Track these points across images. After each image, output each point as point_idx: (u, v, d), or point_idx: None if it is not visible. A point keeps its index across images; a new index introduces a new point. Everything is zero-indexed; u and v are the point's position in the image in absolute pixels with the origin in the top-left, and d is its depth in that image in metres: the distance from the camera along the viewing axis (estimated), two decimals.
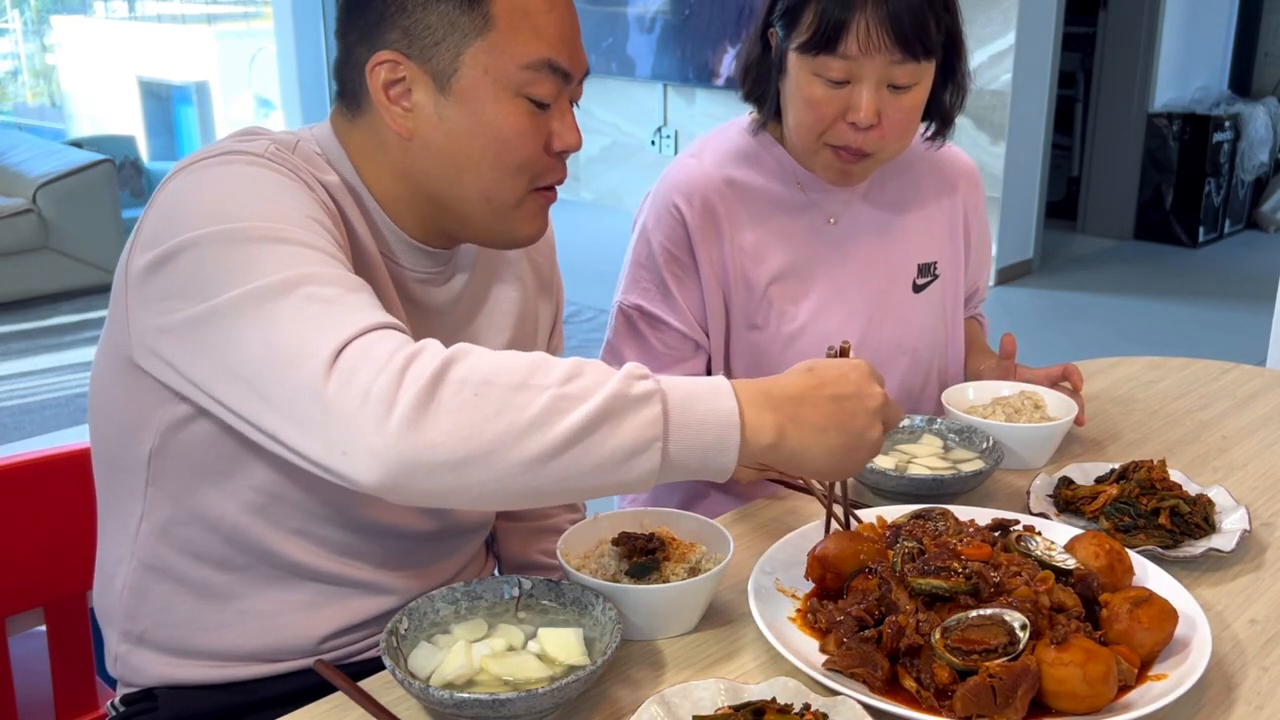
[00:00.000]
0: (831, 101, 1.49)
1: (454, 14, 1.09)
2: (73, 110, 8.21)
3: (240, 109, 8.36)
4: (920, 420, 1.57)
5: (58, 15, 8.17)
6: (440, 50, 1.10)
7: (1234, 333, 5.05)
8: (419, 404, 0.87)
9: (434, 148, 1.13)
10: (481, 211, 1.16)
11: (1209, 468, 1.55)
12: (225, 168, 1.05)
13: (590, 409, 0.89)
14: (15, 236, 5.62)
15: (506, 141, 1.12)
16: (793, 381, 1.01)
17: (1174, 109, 6.72)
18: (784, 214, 1.65)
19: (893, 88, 1.48)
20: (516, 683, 0.99)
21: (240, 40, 8.54)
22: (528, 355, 0.93)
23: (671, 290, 1.63)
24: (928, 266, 1.72)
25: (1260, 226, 7.17)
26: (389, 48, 1.10)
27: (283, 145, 1.12)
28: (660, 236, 1.62)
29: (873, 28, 1.43)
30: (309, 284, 0.95)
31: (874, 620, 1.06)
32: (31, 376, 4.82)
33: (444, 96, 1.11)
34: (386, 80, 1.11)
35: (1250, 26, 7.22)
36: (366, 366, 0.89)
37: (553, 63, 1.12)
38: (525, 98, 1.12)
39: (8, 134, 6.64)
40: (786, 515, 1.40)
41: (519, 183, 1.15)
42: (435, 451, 0.87)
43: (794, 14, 1.50)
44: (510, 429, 0.88)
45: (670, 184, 1.64)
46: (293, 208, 1.03)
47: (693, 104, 6.67)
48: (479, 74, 1.10)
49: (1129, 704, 0.99)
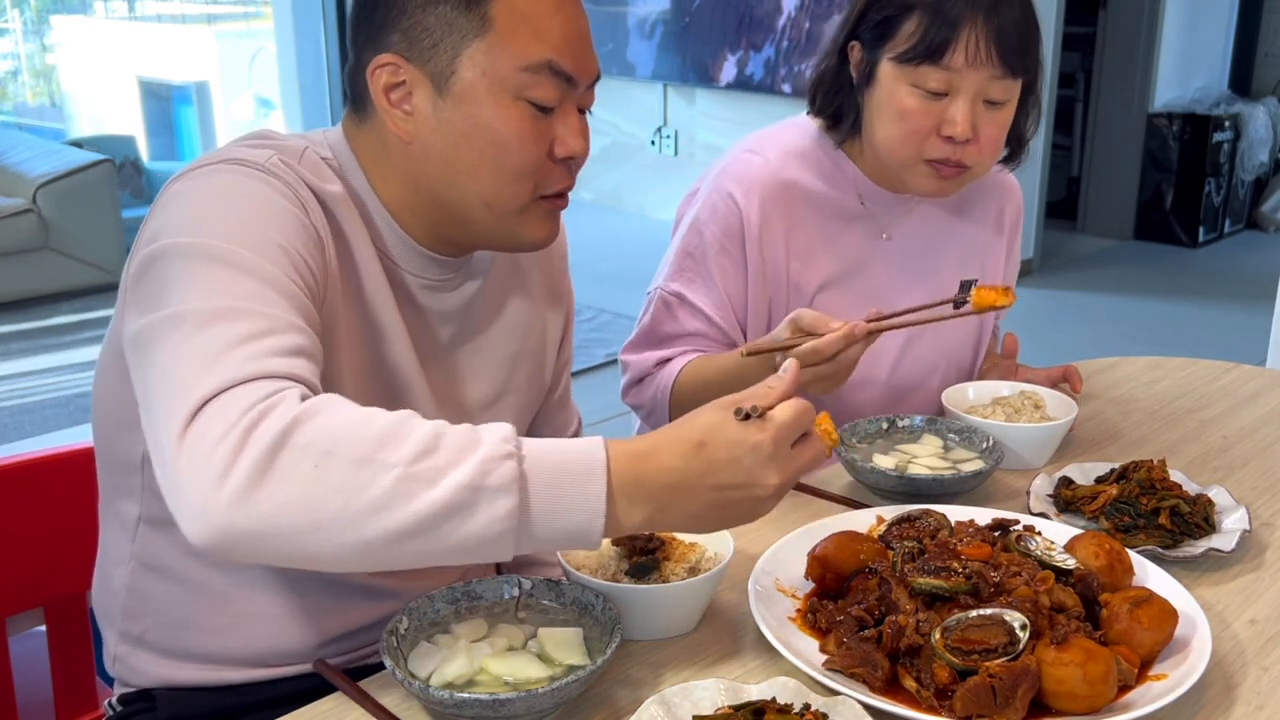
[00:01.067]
0: (927, 113, 1.48)
1: (452, 15, 1.08)
2: (73, 110, 8.21)
3: (240, 109, 8.36)
4: (920, 420, 1.57)
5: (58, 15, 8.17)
6: (438, 52, 1.09)
7: (1234, 333, 5.05)
8: (255, 472, 0.83)
9: (433, 151, 1.12)
10: (483, 217, 1.15)
11: (1209, 468, 1.55)
12: (217, 177, 1.05)
13: (438, 499, 0.83)
14: (15, 236, 5.62)
15: (504, 145, 1.10)
16: (676, 466, 0.91)
17: (1174, 109, 6.72)
18: (839, 222, 1.64)
19: (988, 103, 1.49)
20: (516, 683, 0.99)
21: (240, 40, 8.54)
22: (385, 418, 0.86)
23: (716, 283, 1.61)
24: (970, 283, 1.73)
25: (1260, 226, 7.17)
26: (389, 50, 1.10)
27: (289, 153, 1.11)
28: (715, 228, 1.60)
29: (981, 41, 1.44)
30: (226, 320, 0.91)
31: (874, 620, 1.07)
32: (31, 376, 4.82)
33: (442, 99, 1.10)
34: (387, 84, 1.11)
35: (1250, 26, 7.22)
36: (218, 424, 0.84)
37: (554, 65, 1.10)
38: (526, 101, 1.10)
39: (8, 134, 6.64)
40: (786, 515, 1.40)
41: (520, 189, 1.13)
42: (266, 524, 0.83)
43: (891, 24, 1.49)
44: (346, 509, 0.83)
45: (729, 177, 1.62)
46: (263, 228, 1.01)
47: (693, 104, 6.67)
48: (476, 76, 1.09)
49: (1129, 704, 0.99)
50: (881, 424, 1.56)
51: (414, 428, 0.86)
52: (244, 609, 1.18)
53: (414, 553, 0.86)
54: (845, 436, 1.51)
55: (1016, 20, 1.46)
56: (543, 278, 1.38)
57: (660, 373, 1.63)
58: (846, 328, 1.33)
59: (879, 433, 1.55)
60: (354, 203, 1.15)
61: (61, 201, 5.74)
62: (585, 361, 4.49)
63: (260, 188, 1.04)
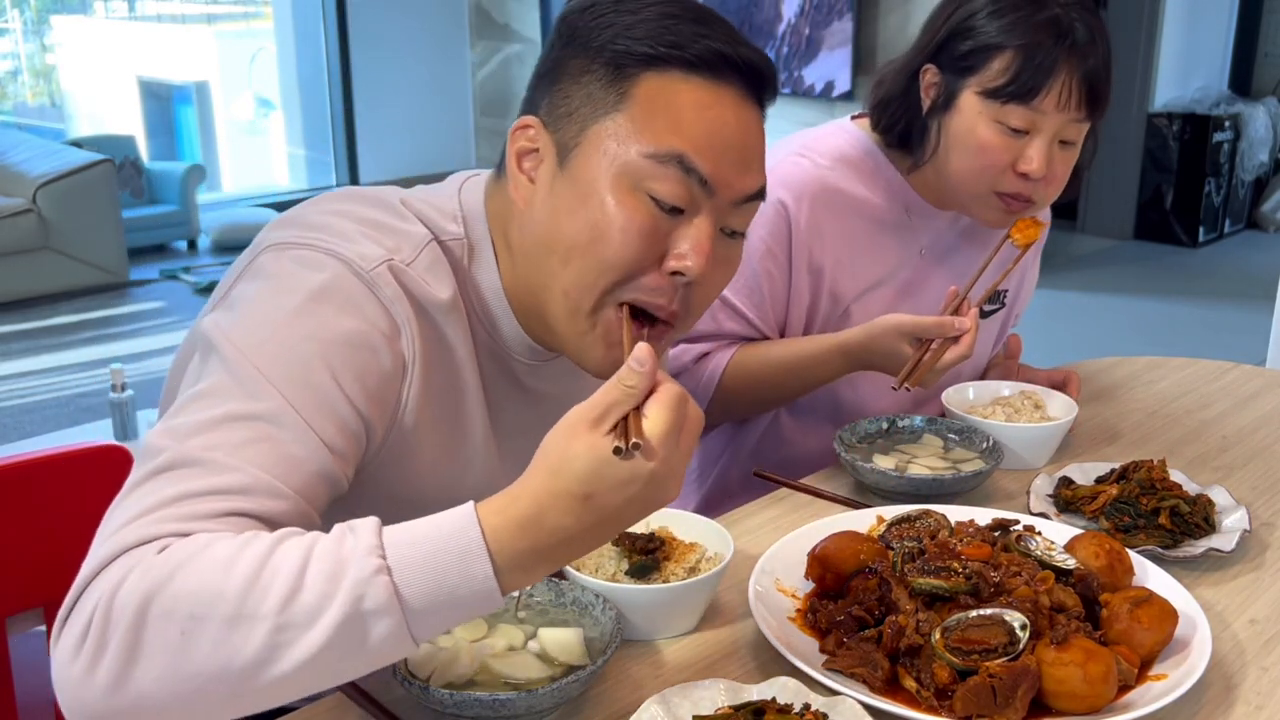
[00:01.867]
0: (1007, 150, 1.49)
1: (594, 88, 1.01)
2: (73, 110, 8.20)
3: (240, 109, 8.36)
4: (920, 420, 1.57)
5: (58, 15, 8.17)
6: (570, 122, 1.02)
7: (1234, 333, 5.05)
8: (124, 655, 0.79)
9: (537, 223, 1.04)
10: (559, 307, 1.05)
11: (1209, 468, 1.55)
12: (313, 278, 0.99)
13: (317, 641, 0.79)
14: (15, 236, 5.62)
15: (603, 232, 1.00)
16: (567, 524, 0.82)
17: (1174, 109, 6.73)
18: (880, 232, 1.64)
19: (1062, 143, 1.50)
20: (516, 683, 0.99)
21: (240, 40, 8.53)
22: (247, 560, 0.80)
23: (760, 286, 1.61)
24: (999, 294, 1.74)
25: (1260, 226, 7.17)
26: (535, 113, 1.05)
27: (408, 247, 1.04)
28: (762, 232, 1.59)
29: (1073, 88, 1.45)
30: (182, 468, 0.88)
31: (874, 620, 1.07)
32: (31, 376, 4.82)
33: (561, 171, 1.03)
34: (523, 148, 1.06)
35: (1250, 26, 7.23)
36: (86, 606, 0.81)
37: (685, 160, 0.99)
38: (646, 194, 1.00)
39: (8, 134, 6.64)
40: (786, 515, 1.40)
41: (602, 279, 1.01)
42: (150, 700, 0.79)
43: (980, 57, 1.48)
44: (229, 669, 0.79)
45: (778, 181, 1.59)
46: (321, 371, 0.95)
47: None
48: (597, 153, 1.00)
49: (1129, 704, 0.99)
50: (881, 424, 1.56)
51: (278, 565, 0.80)
52: None
53: (314, 685, 0.82)
54: (845, 436, 1.51)
55: (1103, 65, 1.47)
56: None
57: (699, 369, 1.63)
58: (973, 317, 1.42)
59: (879, 433, 1.55)
60: (469, 296, 1.10)
61: (61, 201, 5.74)
62: None
63: (340, 318, 0.98)
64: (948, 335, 1.42)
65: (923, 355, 1.42)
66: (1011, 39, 1.46)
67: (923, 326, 1.43)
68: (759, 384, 1.61)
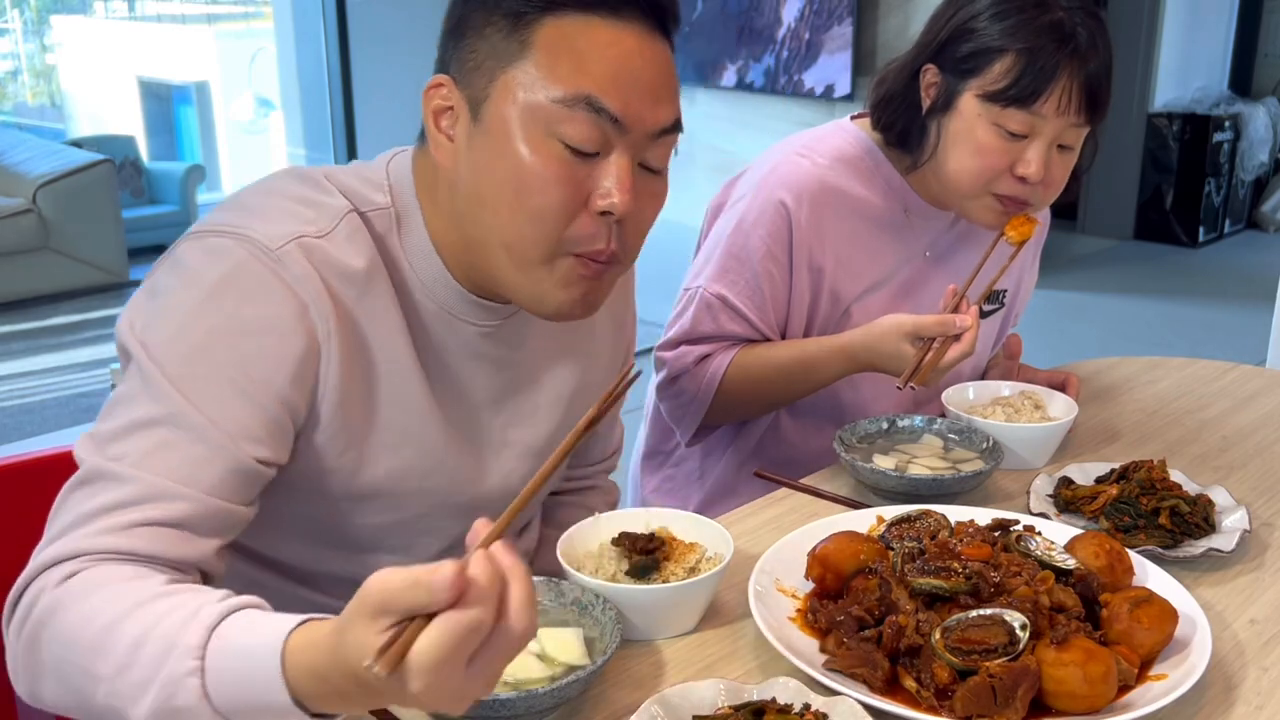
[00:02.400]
0: (1005, 153, 1.49)
1: (496, 38, 1.02)
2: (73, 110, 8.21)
3: (240, 109, 8.36)
4: (920, 420, 1.57)
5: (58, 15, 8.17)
6: (478, 75, 1.02)
7: (1234, 333, 5.05)
8: (33, 667, 0.91)
9: (463, 182, 1.05)
10: (503, 262, 1.05)
11: (1209, 468, 1.55)
12: (219, 265, 1.00)
13: (140, 716, 0.84)
14: (15, 236, 5.62)
15: (524, 182, 1.01)
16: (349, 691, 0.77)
17: (1174, 109, 6.73)
18: (881, 232, 1.64)
19: (1060, 147, 1.50)
20: (516, 683, 0.99)
21: (240, 40, 8.54)
22: (103, 618, 0.86)
23: (762, 288, 1.60)
24: (998, 294, 1.74)
25: (1260, 226, 7.17)
26: (446, 71, 1.05)
27: (325, 218, 1.05)
28: (763, 232, 1.59)
29: (1073, 93, 1.45)
30: (96, 482, 0.94)
31: (874, 620, 1.07)
32: (31, 376, 4.82)
33: (476, 125, 1.03)
34: (438, 107, 1.05)
35: (1250, 26, 7.23)
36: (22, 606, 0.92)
37: (593, 101, 0.99)
38: (559, 140, 1.00)
39: (8, 134, 6.65)
40: (786, 515, 1.40)
41: (541, 234, 1.02)
42: (56, 707, 0.91)
43: (983, 59, 1.48)
44: (89, 708, 0.89)
45: (779, 181, 1.60)
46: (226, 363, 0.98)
47: (693, 104, 6.66)
48: (507, 103, 1.01)
49: (1129, 704, 0.99)
50: (881, 424, 1.56)
51: (123, 633, 0.85)
52: None
53: None
54: (845, 436, 1.51)
55: (1104, 70, 1.47)
56: (607, 311, 1.29)
57: (700, 370, 1.63)
58: (973, 314, 1.42)
59: (879, 433, 1.55)
60: (396, 265, 1.09)
61: (61, 201, 5.74)
62: None
63: (243, 306, 0.99)
64: (949, 333, 1.41)
65: (925, 354, 1.42)
66: (1013, 42, 1.45)
67: (924, 325, 1.43)
68: (759, 385, 1.61)
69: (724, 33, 6.29)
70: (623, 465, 1.95)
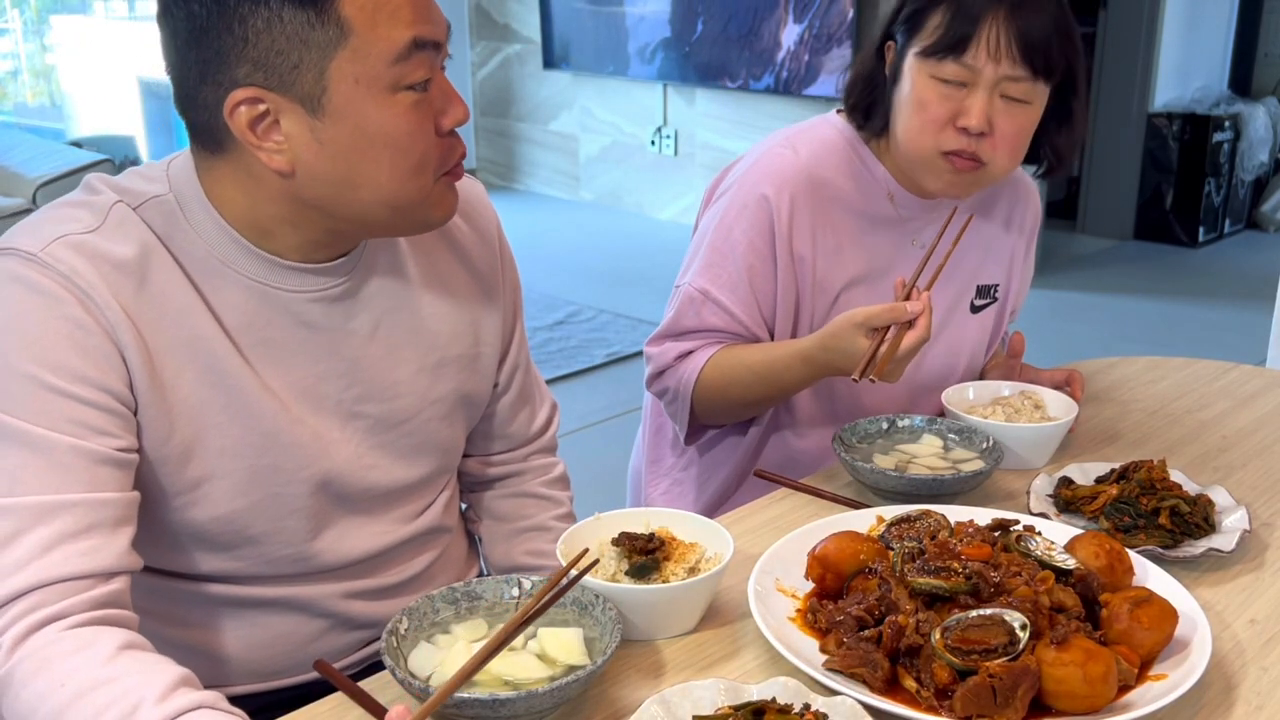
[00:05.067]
0: (944, 103, 1.50)
1: (304, 31, 1.00)
2: (73, 110, 8.20)
3: None
4: (920, 420, 1.57)
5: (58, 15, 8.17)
6: (300, 73, 1.01)
7: (1234, 333, 5.05)
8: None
9: (322, 173, 1.05)
10: (386, 216, 1.10)
11: (1209, 468, 1.55)
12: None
13: None
14: None
15: (399, 144, 1.05)
16: None
17: (1174, 109, 6.72)
18: (868, 223, 1.64)
19: (1007, 99, 1.49)
20: (516, 683, 0.99)
21: None
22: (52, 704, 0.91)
23: (745, 280, 1.60)
24: (988, 289, 1.74)
25: (1260, 226, 7.16)
26: (242, 85, 1.02)
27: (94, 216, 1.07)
28: (745, 226, 1.60)
29: (1001, 37, 1.45)
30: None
31: (874, 620, 1.07)
32: None
33: (319, 120, 1.03)
34: (250, 119, 1.03)
35: (1250, 26, 7.22)
36: None
37: (419, 39, 1.04)
38: (405, 89, 1.04)
39: (8, 134, 6.64)
40: (786, 515, 1.41)
41: (423, 180, 1.09)
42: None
43: (918, 18, 1.51)
44: None
45: (761, 174, 1.61)
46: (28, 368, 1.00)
47: (693, 104, 6.66)
48: (350, 86, 1.02)
49: (1129, 704, 0.99)
50: (881, 424, 1.56)
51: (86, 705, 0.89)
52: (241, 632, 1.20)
53: None
54: (845, 436, 1.51)
55: (1044, 22, 1.47)
56: (470, 278, 1.30)
57: (680, 367, 1.63)
58: (924, 302, 1.38)
59: (879, 433, 1.55)
60: (183, 247, 1.10)
61: None
62: (585, 361, 4.48)
63: (27, 313, 1.01)
64: (901, 320, 1.39)
65: (879, 345, 1.40)
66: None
67: (875, 315, 1.40)
68: (733, 386, 1.59)
69: (723, 54, 6.30)
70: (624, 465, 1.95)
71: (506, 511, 1.45)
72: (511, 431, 1.42)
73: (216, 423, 1.11)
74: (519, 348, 1.38)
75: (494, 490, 1.46)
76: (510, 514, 1.45)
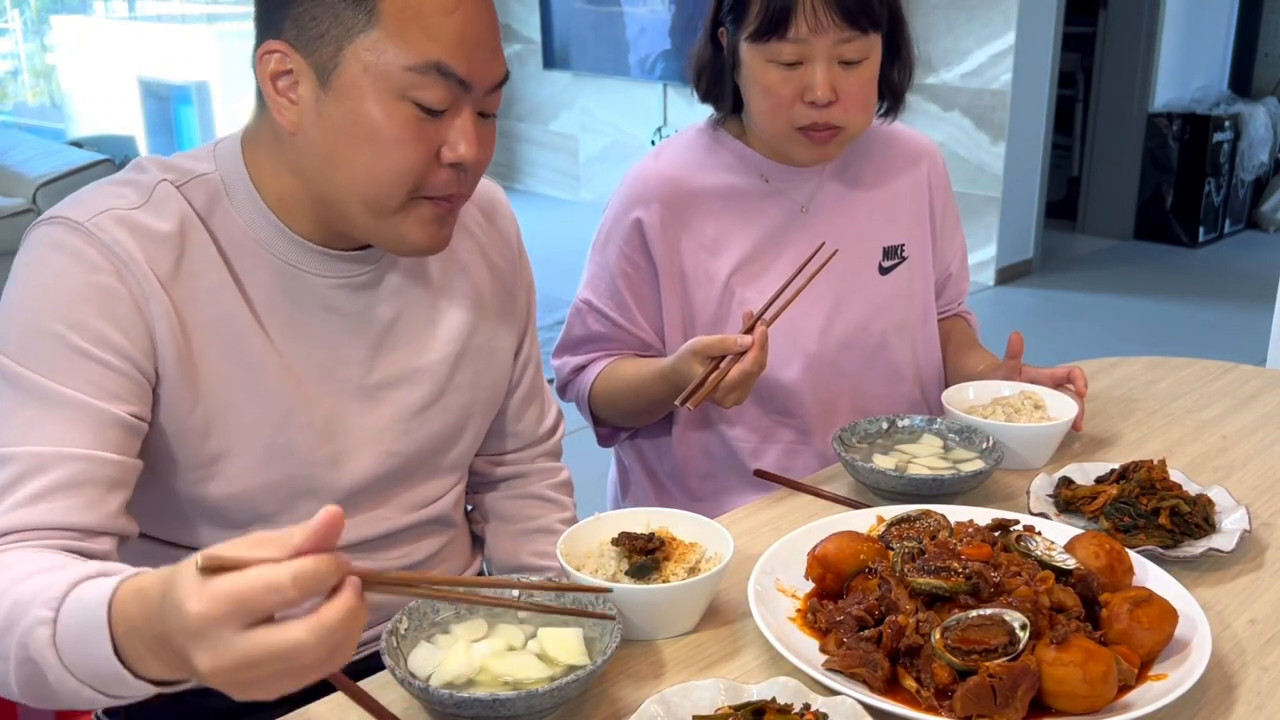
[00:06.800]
0: (787, 83, 1.52)
1: (340, 7, 1.05)
2: (73, 110, 8.20)
3: (240, 109, 8.36)
4: (920, 420, 1.57)
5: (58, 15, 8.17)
6: (324, 43, 1.06)
7: (1234, 333, 5.05)
8: None
9: (313, 144, 1.09)
10: (359, 213, 1.11)
11: (1209, 468, 1.55)
12: (34, 252, 1.07)
13: (12, 672, 0.89)
14: (15, 236, 5.60)
15: (381, 144, 1.07)
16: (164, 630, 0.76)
17: (1174, 109, 6.72)
18: (747, 205, 1.67)
19: (844, 64, 1.51)
20: (516, 683, 0.99)
21: (240, 40, 8.52)
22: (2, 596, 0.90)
23: (619, 288, 1.66)
24: (894, 249, 1.74)
25: (1260, 226, 7.16)
26: (280, 37, 1.08)
27: (139, 193, 1.11)
28: (619, 241, 1.65)
29: (819, 7, 1.47)
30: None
31: (874, 620, 1.07)
32: None
33: (324, 92, 1.07)
34: (275, 71, 1.08)
35: (1250, 26, 7.22)
36: None
37: (443, 67, 1.06)
38: (410, 101, 1.06)
39: (8, 134, 6.64)
40: (786, 515, 1.41)
41: (396, 189, 1.09)
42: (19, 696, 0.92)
43: (741, 6, 1.53)
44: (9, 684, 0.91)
45: (627, 187, 1.67)
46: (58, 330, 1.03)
47: (693, 104, 6.65)
48: (359, 71, 1.06)
49: (1129, 704, 0.99)
50: (881, 424, 1.56)
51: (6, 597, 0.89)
52: None
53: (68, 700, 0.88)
54: (845, 436, 1.51)
55: None
56: (490, 274, 1.34)
57: (576, 381, 1.71)
58: (759, 335, 1.40)
59: (879, 433, 1.55)
60: (222, 227, 1.13)
61: None
62: None
63: (65, 276, 1.05)
64: (733, 352, 1.41)
65: (709, 373, 1.42)
66: None
67: (708, 345, 1.43)
68: (616, 398, 1.67)
69: None
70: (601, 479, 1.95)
71: (512, 512, 1.46)
72: (521, 429, 1.45)
73: (238, 400, 1.14)
74: (531, 343, 1.43)
75: (500, 491, 1.48)
76: (516, 515, 1.47)
